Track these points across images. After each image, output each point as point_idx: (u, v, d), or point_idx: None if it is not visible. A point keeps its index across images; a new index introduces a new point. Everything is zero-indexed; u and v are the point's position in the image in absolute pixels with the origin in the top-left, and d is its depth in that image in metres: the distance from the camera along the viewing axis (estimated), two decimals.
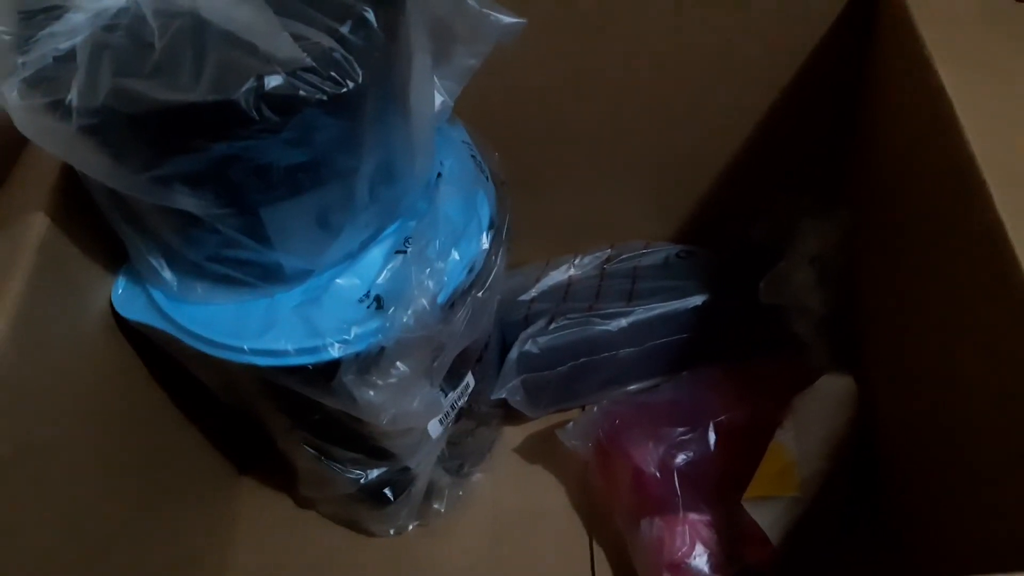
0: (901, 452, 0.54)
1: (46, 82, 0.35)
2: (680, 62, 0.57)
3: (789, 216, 0.62)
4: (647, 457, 0.56)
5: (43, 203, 0.43)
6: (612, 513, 0.59)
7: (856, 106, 0.58)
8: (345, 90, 0.35)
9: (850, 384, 0.57)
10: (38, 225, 0.43)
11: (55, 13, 0.37)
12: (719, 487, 0.55)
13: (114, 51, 0.35)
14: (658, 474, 0.56)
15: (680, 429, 0.57)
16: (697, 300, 0.63)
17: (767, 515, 0.52)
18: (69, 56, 0.36)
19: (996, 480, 0.41)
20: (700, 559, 0.54)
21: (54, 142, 0.36)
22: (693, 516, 0.55)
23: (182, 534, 0.56)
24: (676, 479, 0.55)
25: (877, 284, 0.56)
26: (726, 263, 0.66)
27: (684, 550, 0.54)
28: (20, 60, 0.36)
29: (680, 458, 0.56)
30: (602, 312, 0.62)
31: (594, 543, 0.61)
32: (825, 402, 0.57)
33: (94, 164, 0.37)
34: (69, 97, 0.35)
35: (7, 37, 0.37)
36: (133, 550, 0.49)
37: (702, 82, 0.58)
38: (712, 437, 0.57)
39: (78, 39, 0.36)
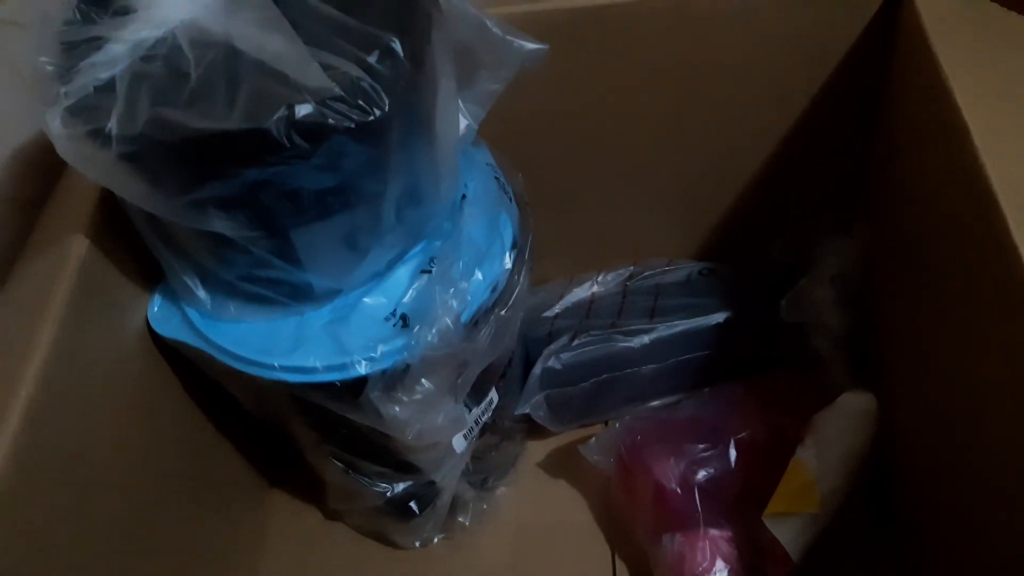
0: (920, 469, 0.54)
1: (87, 111, 0.37)
2: (701, 81, 0.57)
3: (810, 234, 0.62)
4: (668, 473, 0.56)
5: (83, 225, 0.45)
6: (634, 528, 0.60)
7: (875, 125, 0.58)
8: (372, 118, 0.36)
9: (871, 401, 0.57)
10: (78, 246, 0.44)
11: (96, 44, 0.38)
12: (740, 503, 0.55)
13: (152, 81, 0.37)
14: (679, 490, 0.56)
15: (701, 445, 0.57)
16: (719, 317, 0.63)
17: (787, 531, 0.53)
18: (109, 86, 0.37)
19: (1015, 499, 0.41)
20: (721, 575, 0.55)
21: (94, 169, 0.37)
22: (714, 532, 0.55)
23: (213, 546, 0.58)
24: (697, 495, 0.56)
25: (897, 302, 0.57)
26: (748, 281, 0.67)
27: (705, 565, 0.55)
28: (63, 90, 0.37)
29: (701, 474, 0.56)
30: (625, 329, 0.63)
31: (616, 558, 0.61)
32: (846, 419, 0.57)
33: (132, 189, 0.38)
34: (109, 125, 0.36)
35: (50, 67, 0.38)
36: (165, 561, 0.50)
37: (723, 101, 0.59)
38: (733, 453, 0.57)
39: (118, 69, 0.37)
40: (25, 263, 0.46)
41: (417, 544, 0.64)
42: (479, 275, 0.46)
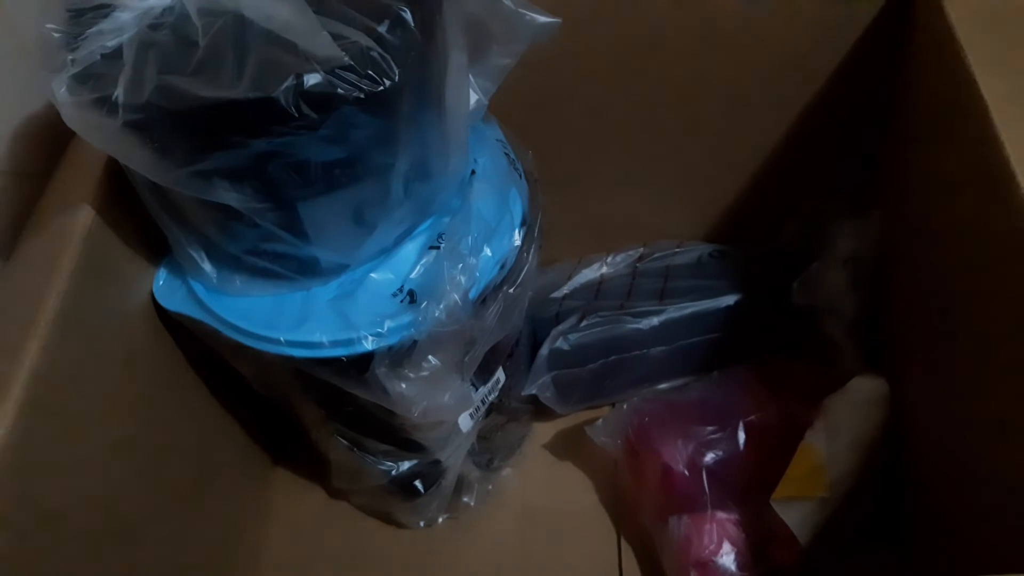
0: (931, 455, 0.54)
1: (94, 79, 0.36)
2: (714, 62, 0.57)
3: (822, 217, 0.62)
4: (676, 455, 0.56)
5: (89, 196, 0.45)
6: (640, 510, 0.60)
7: (890, 107, 0.57)
8: (382, 88, 0.36)
9: (882, 386, 0.57)
10: (84, 217, 0.44)
11: (103, 11, 0.38)
12: (747, 486, 0.55)
13: (159, 49, 0.36)
14: (687, 472, 0.56)
15: (709, 428, 0.57)
16: (729, 300, 0.63)
17: (795, 515, 0.52)
18: (116, 54, 0.37)
19: None
20: (727, 558, 0.54)
21: (100, 137, 0.37)
22: (721, 515, 0.55)
23: (216, 523, 0.58)
24: (704, 477, 0.56)
25: (909, 286, 0.56)
26: (758, 264, 0.66)
27: (711, 548, 0.54)
28: (69, 57, 0.37)
29: (709, 457, 0.56)
30: (634, 310, 0.63)
31: (622, 540, 0.61)
32: (856, 404, 0.56)
33: (139, 159, 0.38)
34: (116, 93, 0.35)
35: (57, 35, 0.38)
36: (169, 537, 0.50)
37: (736, 83, 0.58)
38: (741, 436, 0.57)
39: (125, 37, 0.37)
40: (30, 235, 0.46)
41: (421, 524, 0.64)
42: (488, 251, 0.45)
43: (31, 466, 0.38)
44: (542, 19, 0.45)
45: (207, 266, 0.45)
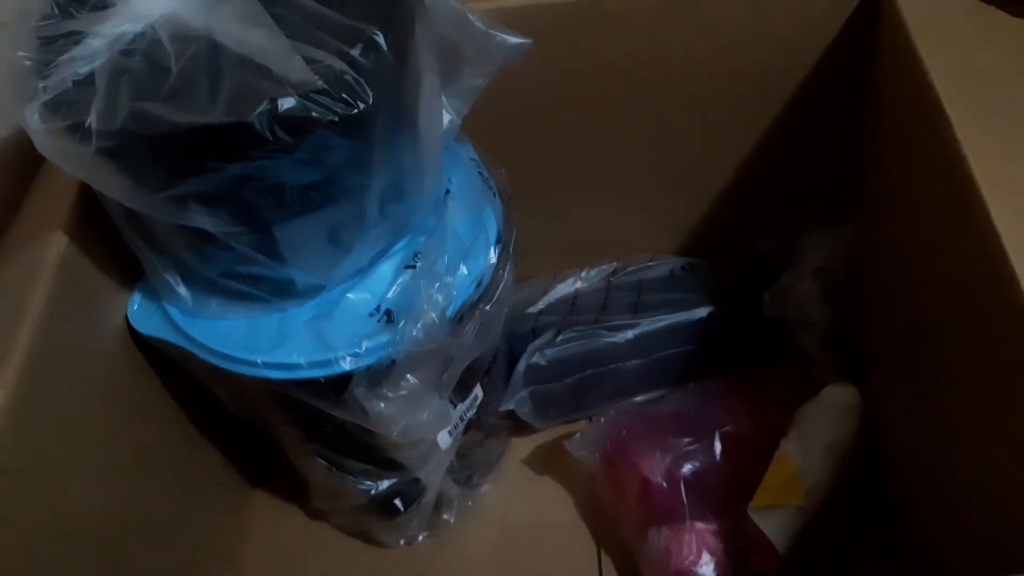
0: (906, 461, 0.54)
1: (66, 106, 0.36)
2: (684, 77, 0.57)
3: (793, 229, 0.63)
4: (654, 467, 0.57)
5: (62, 221, 0.44)
6: (620, 523, 0.60)
7: (859, 120, 0.58)
8: (356, 111, 0.36)
9: (854, 394, 0.58)
10: (57, 242, 0.44)
11: (74, 38, 0.38)
12: (725, 496, 0.56)
13: (132, 75, 0.36)
14: (665, 484, 0.56)
15: (686, 439, 0.57)
16: (702, 312, 0.64)
17: (773, 524, 0.53)
18: (88, 80, 0.36)
19: (1001, 488, 0.41)
20: (707, 568, 0.55)
21: (73, 164, 0.37)
22: (700, 525, 0.56)
23: (194, 546, 0.57)
24: (683, 489, 0.56)
25: (880, 296, 0.57)
26: (731, 276, 0.67)
27: (691, 559, 0.55)
28: (41, 84, 0.37)
29: (687, 468, 0.56)
30: (609, 324, 0.63)
31: (602, 553, 0.61)
32: (829, 412, 0.57)
33: (112, 184, 0.38)
34: (88, 120, 0.35)
35: (28, 62, 0.38)
36: (146, 562, 0.50)
37: (706, 97, 0.59)
38: (718, 447, 0.57)
39: (97, 64, 0.37)
40: (2, 262, 0.45)
41: (402, 542, 0.63)
42: (464, 269, 0.46)
43: (10, 494, 0.38)
44: (513, 40, 0.45)
45: (182, 290, 0.45)
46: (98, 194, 0.42)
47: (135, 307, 0.48)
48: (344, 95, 0.36)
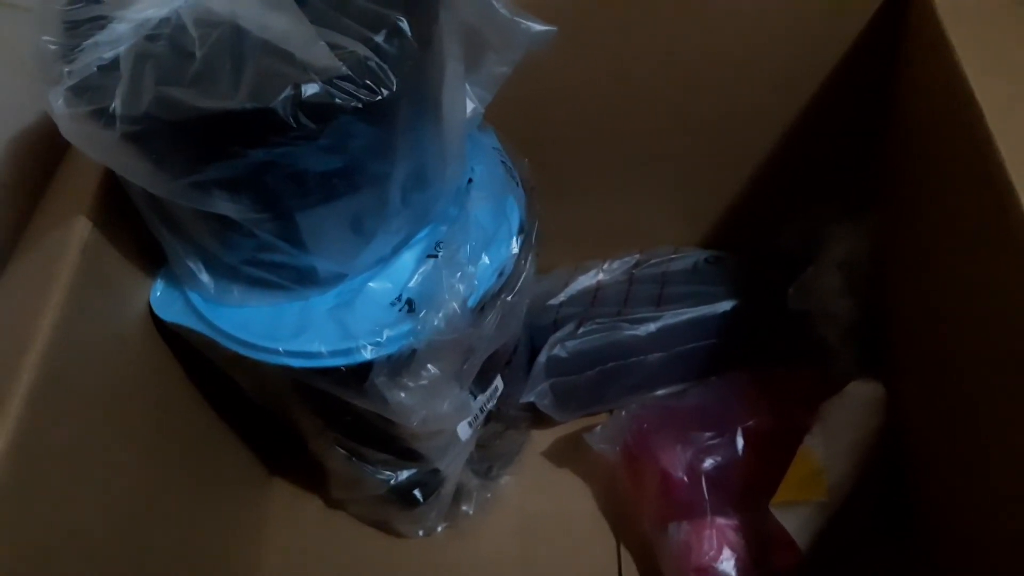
0: (930, 458, 0.54)
1: (91, 91, 0.36)
2: (708, 68, 0.57)
3: (817, 222, 0.62)
4: (675, 461, 0.56)
5: (85, 207, 0.44)
6: (640, 517, 0.60)
7: (885, 111, 0.57)
8: (380, 98, 0.36)
9: (878, 390, 0.57)
10: (80, 229, 0.44)
11: (99, 23, 0.38)
12: (747, 492, 0.55)
13: (156, 60, 0.36)
14: (686, 478, 0.56)
15: (708, 434, 0.57)
16: (726, 305, 0.63)
17: (794, 520, 0.53)
18: (113, 65, 0.36)
19: None
20: (727, 563, 0.54)
21: (98, 149, 0.37)
22: (721, 520, 0.55)
23: (213, 534, 0.57)
24: (704, 483, 0.56)
25: (905, 290, 0.56)
26: (755, 269, 0.66)
27: (712, 554, 0.54)
28: (66, 69, 0.37)
29: (708, 462, 0.56)
30: (631, 317, 0.63)
31: (621, 547, 0.61)
32: (853, 408, 0.57)
33: (136, 170, 0.38)
34: (113, 105, 0.35)
35: (53, 47, 0.38)
36: (165, 548, 0.50)
37: (731, 88, 0.58)
38: (740, 442, 0.57)
39: (121, 49, 0.37)
40: (27, 247, 0.46)
41: (421, 533, 0.63)
42: (486, 259, 0.45)
43: (31, 480, 0.38)
44: (537, 27, 0.45)
45: (204, 277, 0.45)
46: (122, 180, 0.42)
47: (157, 294, 0.48)
48: (368, 81, 0.36)
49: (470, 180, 0.49)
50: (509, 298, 0.47)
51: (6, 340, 0.40)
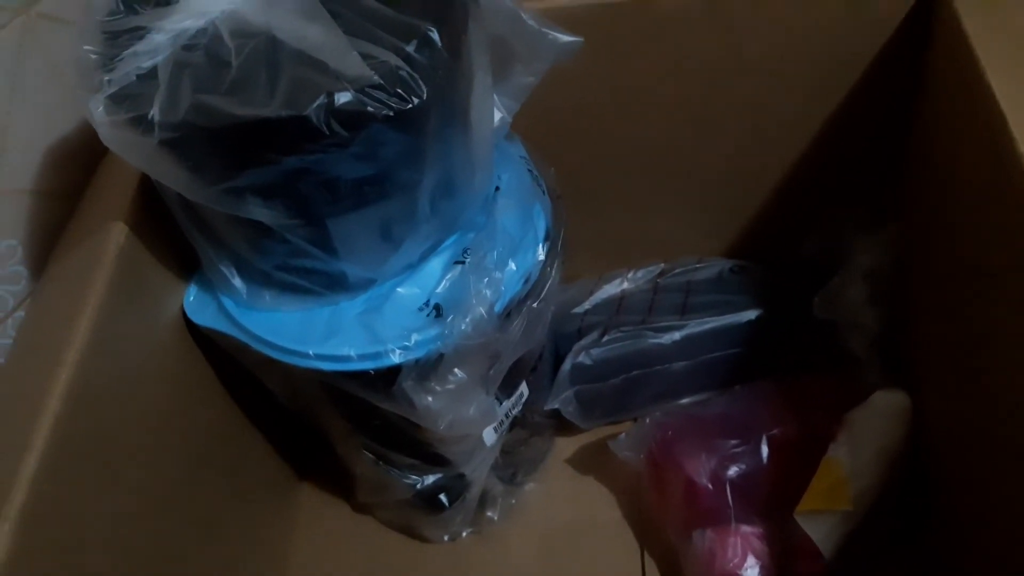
0: (954, 468, 0.53)
1: (130, 98, 0.37)
2: (734, 78, 0.57)
3: (842, 231, 0.62)
4: (700, 469, 0.56)
5: (122, 212, 0.45)
6: (664, 524, 0.60)
7: (910, 120, 0.58)
8: (411, 106, 0.37)
9: (904, 400, 0.57)
10: (117, 233, 0.45)
11: (138, 33, 0.39)
12: (771, 500, 0.55)
13: (194, 69, 0.37)
14: (710, 486, 0.56)
15: (733, 441, 0.57)
16: (750, 315, 0.63)
17: (819, 529, 0.53)
18: (151, 74, 0.37)
19: None
20: (752, 571, 0.54)
21: (136, 155, 0.38)
22: (745, 528, 0.55)
23: (241, 537, 0.58)
24: (728, 491, 0.56)
25: (931, 300, 0.56)
26: (779, 278, 0.66)
27: (736, 562, 0.54)
28: (106, 78, 0.38)
29: (733, 470, 0.56)
30: (655, 325, 0.63)
31: (646, 554, 0.61)
32: (879, 417, 0.56)
33: (173, 176, 0.38)
34: (151, 113, 0.36)
35: (94, 56, 0.39)
36: (195, 552, 0.51)
37: (755, 98, 0.58)
38: (765, 450, 0.57)
39: (160, 58, 0.38)
40: (65, 252, 0.47)
41: (446, 538, 0.64)
42: (512, 265, 0.46)
43: (68, 477, 0.39)
44: (565, 38, 0.45)
45: (237, 282, 0.46)
46: (158, 186, 0.43)
47: (191, 298, 0.49)
48: (399, 90, 0.37)
49: (497, 188, 0.49)
50: (535, 304, 0.48)
51: (45, 342, 0.41)
